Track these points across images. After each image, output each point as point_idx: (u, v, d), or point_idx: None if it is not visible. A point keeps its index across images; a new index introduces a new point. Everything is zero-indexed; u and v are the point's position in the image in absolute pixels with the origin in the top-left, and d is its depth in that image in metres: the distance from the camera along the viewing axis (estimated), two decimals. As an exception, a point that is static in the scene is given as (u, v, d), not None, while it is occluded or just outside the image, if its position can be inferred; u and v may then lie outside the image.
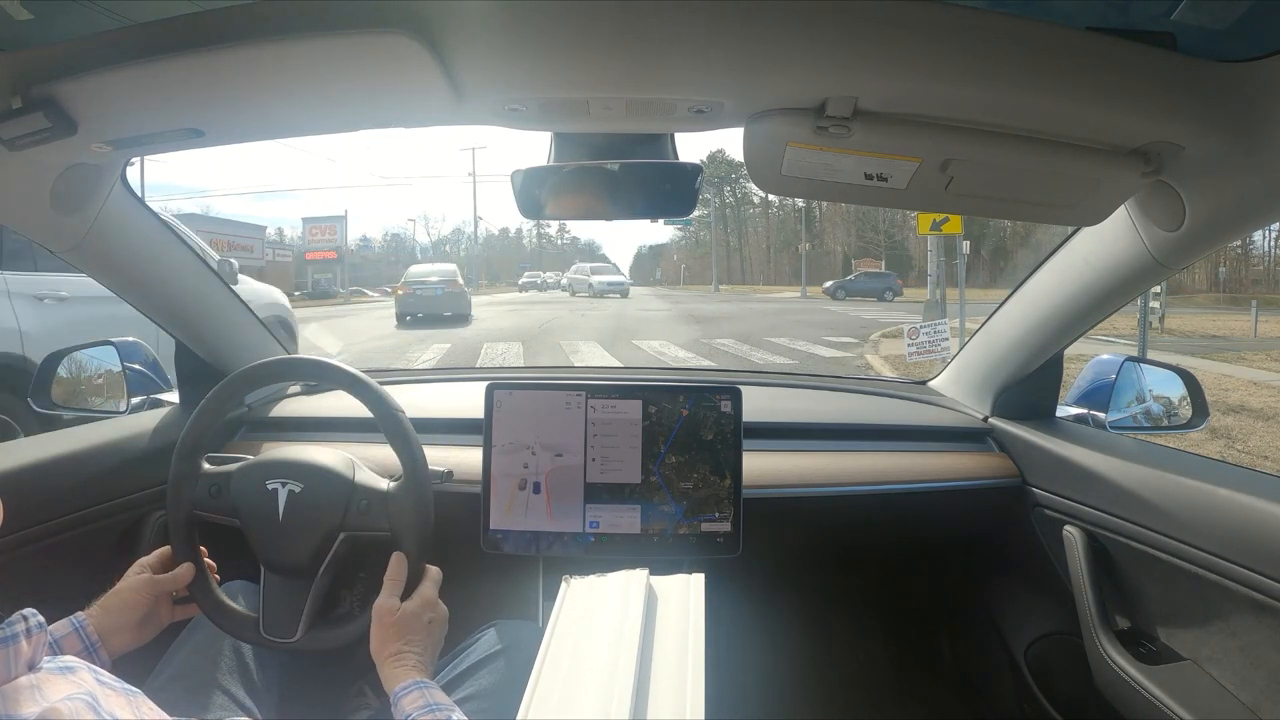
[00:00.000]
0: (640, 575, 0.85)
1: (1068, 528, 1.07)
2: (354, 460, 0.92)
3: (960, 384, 1.40)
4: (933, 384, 1.49)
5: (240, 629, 0.87)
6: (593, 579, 0.86)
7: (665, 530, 1.07)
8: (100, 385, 1.30)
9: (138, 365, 1.30)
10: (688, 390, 1.10)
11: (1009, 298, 1.21)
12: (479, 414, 1.10)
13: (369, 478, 0.91)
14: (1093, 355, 1.29)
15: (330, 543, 0.87)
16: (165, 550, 0.89)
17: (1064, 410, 1.26)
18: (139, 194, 1.01)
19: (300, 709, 0.91)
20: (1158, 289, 11.57)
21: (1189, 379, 1.21)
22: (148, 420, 1.19)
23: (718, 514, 1.07)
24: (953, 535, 1.41)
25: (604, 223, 9.46)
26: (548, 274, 39.36)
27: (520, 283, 36.53)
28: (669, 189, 0.89)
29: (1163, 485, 0.93)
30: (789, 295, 28.07)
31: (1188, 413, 1.21)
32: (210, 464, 0.92)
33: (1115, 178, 0.75)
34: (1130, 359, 1.24)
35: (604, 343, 9.95)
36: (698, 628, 0.76)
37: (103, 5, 0.66)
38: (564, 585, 0.85)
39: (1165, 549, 0.91)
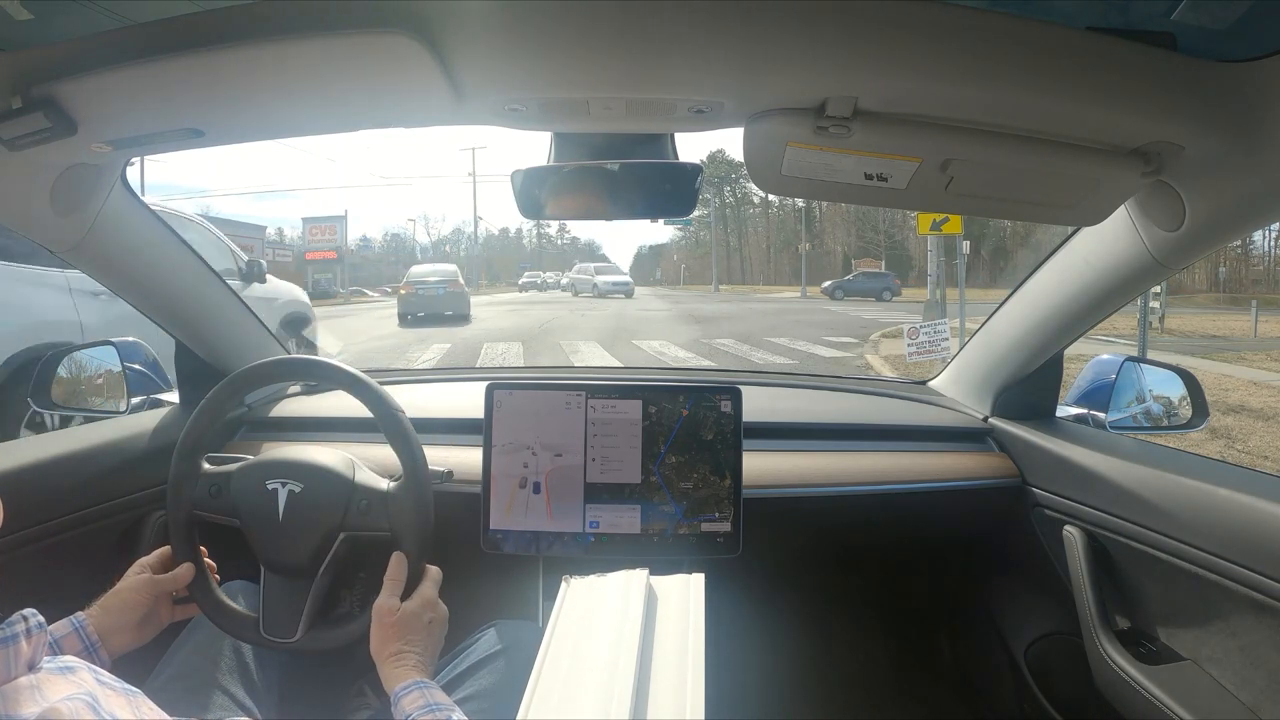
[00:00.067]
0: (640, 575, 0.85)
1: (1068, 528, 1.07)
2: (354, 460, 0.92)
3: (960, 384, 1.40)
4: (933, 384, 1.49)
5: (240, 629, 0.87)
6: (593, 579, 0.86)
7: (665, 530, 1.07)
8: (100, 385, 1.30)
9: (138, 365, 1.30)
10: (688, 390, 1.10)
11: (1009, 298, 1.21)
12: (479, 414, 1.10)
13: (369, 478, 0.91)
14: (1093, 355, 1.29)
15: (330, 543, 0.87)
16: (165, 550, 0.89)
17: (1064, 410, 1.26)
18: (139, 194, 1.01)
19: (300, 709, 0.91)
20: (1158, 289, 11.56)
21: (1189, 379, 1.22)
22: (148, 420, 1.19)
23: (718, 514, 1.07)
24: (953, 535, 1.41)
25: (604, 223, 9.46)
26: (548, 274, 39.34)
27: (520, 283, 36.50)
28: (669, 189, 0.89)
29: (1163, 485, 0.93)
30: (789, 295, 28.06)
31: (1188, 413, 1.21)
32: (210, 464, 0.92)
33: (1115, 178, 0.75)
34: (1130, 359, 1.24)
35: (604, 343, 9.94)
36: (698, 628, 0.76)
37: (103, 5, 0.66)
38: (564, 585, 0.85)
39: (1165, 549, 0.91)
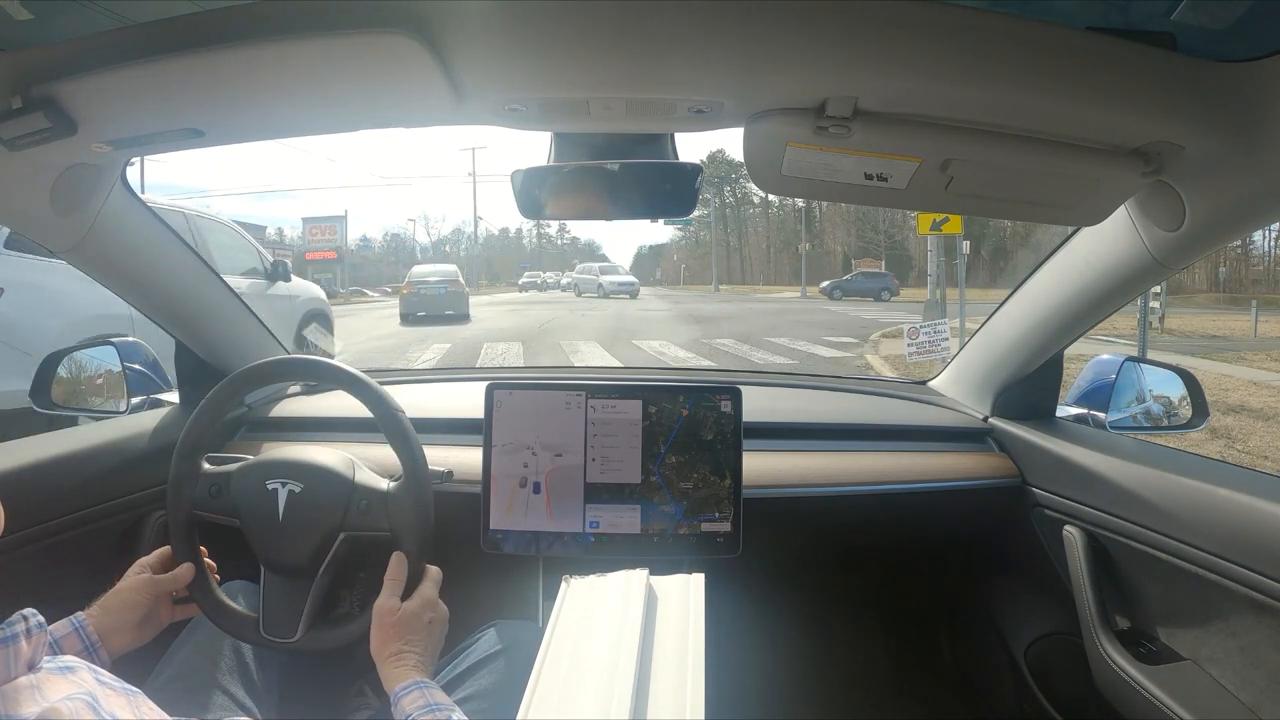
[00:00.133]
0: (640, 575, 0.85)
1: (1068, 528, 1.07)
2: (354, 460, 0.92)
3: (960, 384, 1.40)
4: (933, 384, 1.49)
5: (240, 629, 0.87)
6: (593, 579, 0.86)
7: (665, 530, 1.07)
8: (100, 385, 1.30)
9: (138, 365, 1.30)
10: (688, 390, 1.10)
11: (1009, 298, 1.21)
12: (479, 414, 1.10)
13: (369, 478, 0.91)
14: (1093, 355, 1.29)
15: (330, 543, 0.87)
16: (165, 550, 0.89)
17: (1064, 410, 1.26)
18: (139, 194, 1.01)
19: (300, 709, 0.91)
20: (1158, 289, 11.56)
21: (1189, 379, 1.21)
22: (148, 420, 1.19)
23: (718, 514, 1.07)
24: (953, 535, 1.41)
25: (604, 223, 9.48)
26: (548, 274, 39.32)
27: (520, 283, 36.47)
28: (669, 189, 0.89)
29: (1163, 485, 0.93)
30: (789, 295, 28.04)
31: (1188, 413, 1.21)
32: (210, 464, 0.92)
33: (1115, 178, 0.75)
34: (1130, 359, 1.24)
35: (604, 343, 9.94)
36: (698, 628, 0.76)
37: (103, 5, 0.66)
38: (564, 585, 0.85)
39: (1165, 549, 0.91)
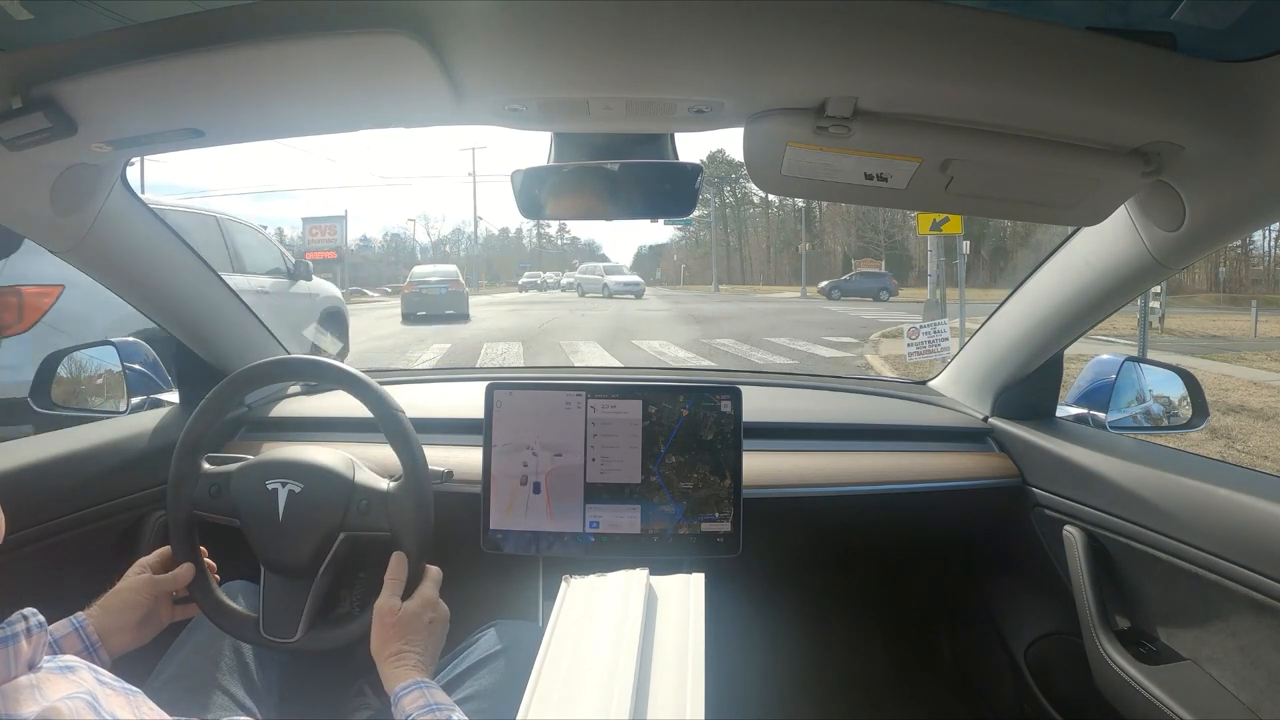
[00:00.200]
0: (640, 575, 0.84)
1: (1068, 528, 1.07)
2: (354, 460, 0.92)
3: (960, 384, 1.40)
4: (933, 384, 1.49)
5: (240, 629, 0.87)
6: (593, 579, 0.86)
7: (665, 530, 1.07)
8: (100, 385, 1.30)
9: (138, 365, 1.30)
10: (688, 390, 1.10)
11: (1009, 298, 1.21)
12: (479, 414, 1.10)
13: (369, 478, 0.90)
14: (1093, 355, 1.29)
15: (330, 543, 0.87)
16: (165, 550, 0.89)
17: (1064, 410, 1.26)
18: (139, 194, 1.01)
19: (300, 709, 0.91)
20: (1158, 289, 11.57)
21: (1189, 379, 1.21)
22: (148, 420, 1.19)
23: (718, 514, 1.07)
24: (953, 535, 1.41)
25: (604, 223, 9.49)
26: (548, 274, 39.32)
27: (520, 283, 36.47)
28: (669, 189, 0.89)
29: (1163, 485, 0.93)
30: (789, 295, 28.05)
31: (1188, 413, 1.21)
32: (210, 464, 0.92)
33: (1115, 178, 0.75)
34: (1130, 359, 1.24)
35: (604, 343, 9.94)
36: (698, 628, 0.76)
37: (103, 5, 0.66)
38: (564, 585, 0.85)
39: (1165, 549, 0.91)
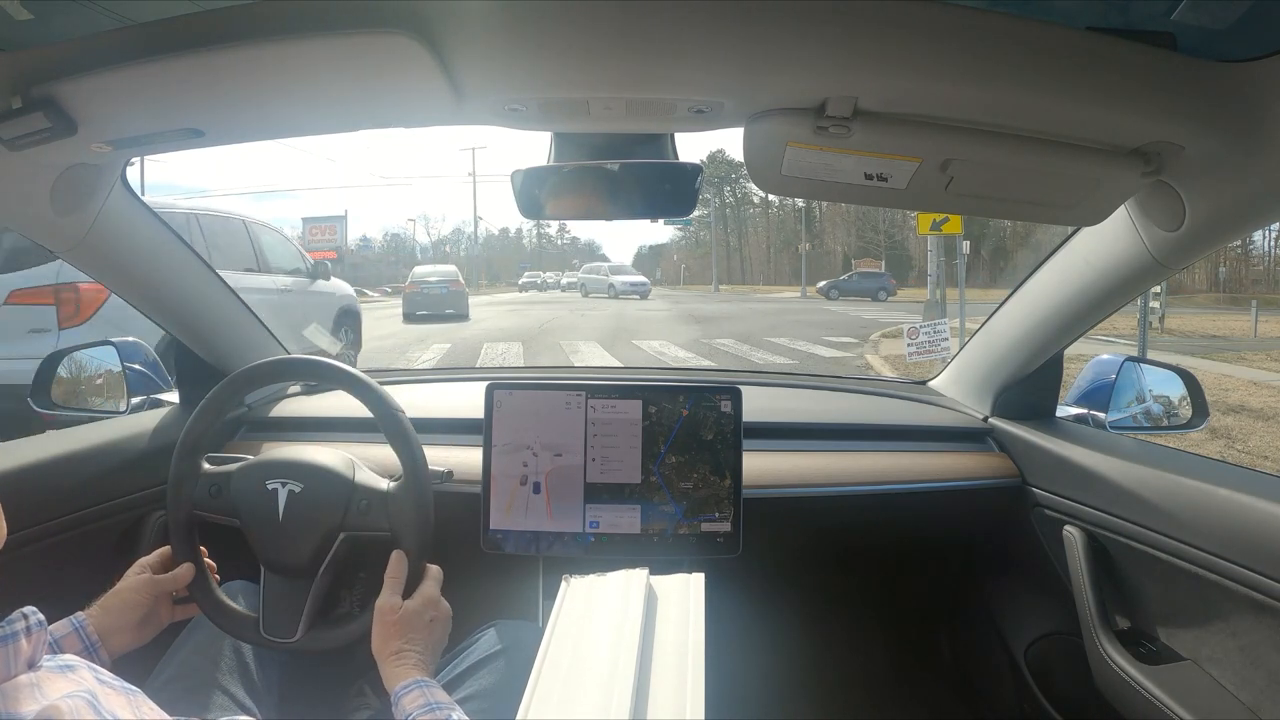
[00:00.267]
0: (640, 575, 0.84)
1: (1068, 528, 1.07)
2: (354, 460, 0.92)
3: (960, 384, 1.40)
4: (933, 384, 1.49)
5: (240, 629, 0.87)
6: (593, 579, 0.86)
7: (665, 530, 1.07)
8: (100, 385, 1.30)
9: (138, 365, 1.30)
10: (688, 390, 1.10)
11: (1009, 298, 1.21)
12: (479, 414, 1.10)
13: (369, 478, 0.91)
14: (1093, 355, 1.29)
15: (330, 543, 0.87)
16: (165, 550, 0.89)
17: (1064, 410, 1.26)
18: (139, 194, 1.01)
19: (300, 709, 0.91)
20: (1158, 289, 11.57)
21: (1189, 379, 1.21)
22: (148, 420, 1.19)
23: (718, 514, 1.07)
24: (953, 535, 1.41)
25: (604, 223, 9.50)
26: (548, 274, 39.25)
27: (520, 283, 36.42)
28: (669, 189, 0.89)
29: (1163, 485, 0.93)
30: (789, 295, 28.04)
31: (1188, 413, 1.21)
32: (210, 464, 0.92)
33: (1115, 178, 0.75)
34: (1130, 359, 1.24)
35: (604, 343, 9.94)
36: (698, 628, 0.76)
37: (103, 5, 0.66)
38: (564, 585, 0.85)
39: (1165, 549, 0.91)
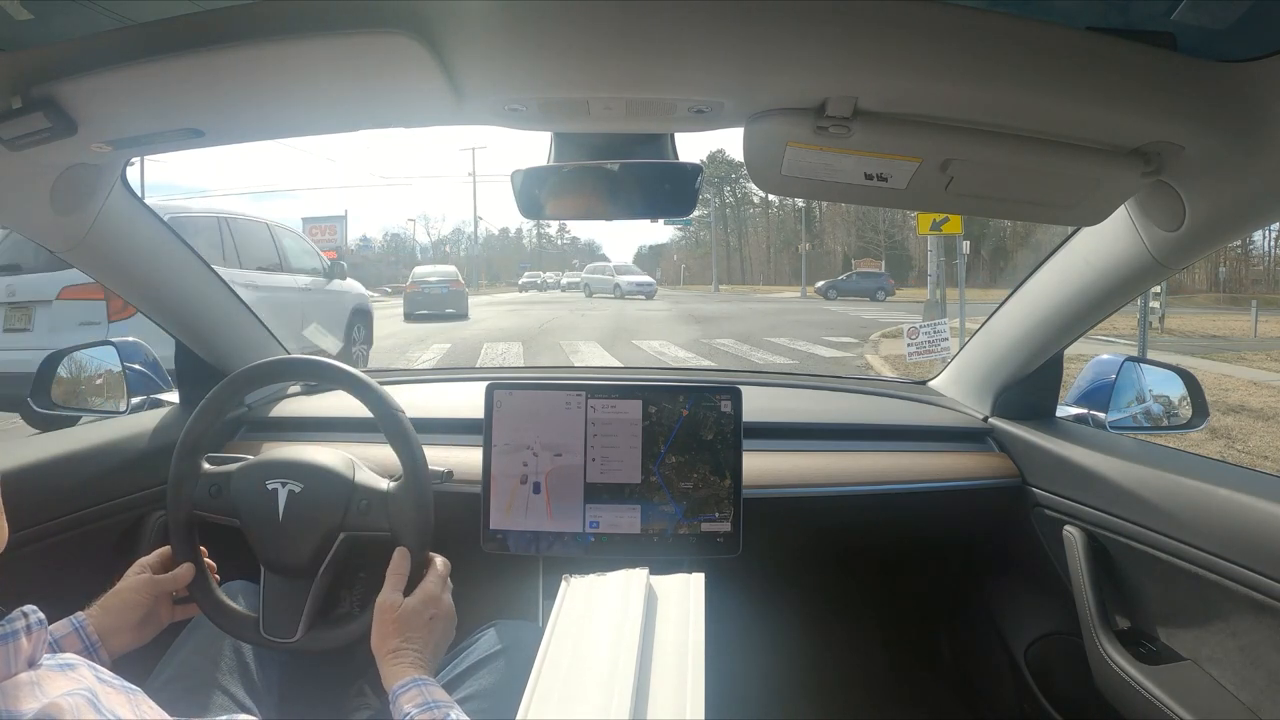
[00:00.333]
0: (640, 575, 0.84)
1: (1068, 528, 1.07)
2: (354, 460, 0.92)
3: (960, 384, 1.40)
4: (933, 384, 1.49)
5: (240, 629, 0.87)
6: (593, 579, 0.85)
7: (665, 530, 1.07)
8: (100, 385, 1.30)
9: (138, 365, 1.30)
10: (688, 390, 1.10)
11: (1009, 298, 1.21)
12: (479, 414, 1.10)
13: (369, 478, 0.90)
14: (1093, 355, 1.29)
15: (330, 543, 0.87)
16: (165, 550, 0.89)
17: (1064, 410, 1.26)
18: (139, 194, 1.01)
19: (300, 709, 0.91)
20: (1158, 289, 11.57)
21: (1189, 379, 1.21)
22: (148, 420, 1.19)
23: (718, 514, 1.07)
24: (953, 535, 1.41)
25: (604, 223, 9.52)
26: (548, 274, 39.26)
27: (520, 283, 36.41)
28: (669, 189, 0.89)
29: (1163, 485, 0.93)
30: (789, 295, 28.05)
31: (1188, 413, 1.21)
32: (210, 464, 0.92)
33: (1115, 178, 0.75)
34: (1130, 359, 1.24)
35: (604, 343, 9.94)
36: (698, 628, 0.76)
37: (103, 5, 0.66)
38: (564, 585, 0.85)
39: (1165, 549, 0.91)
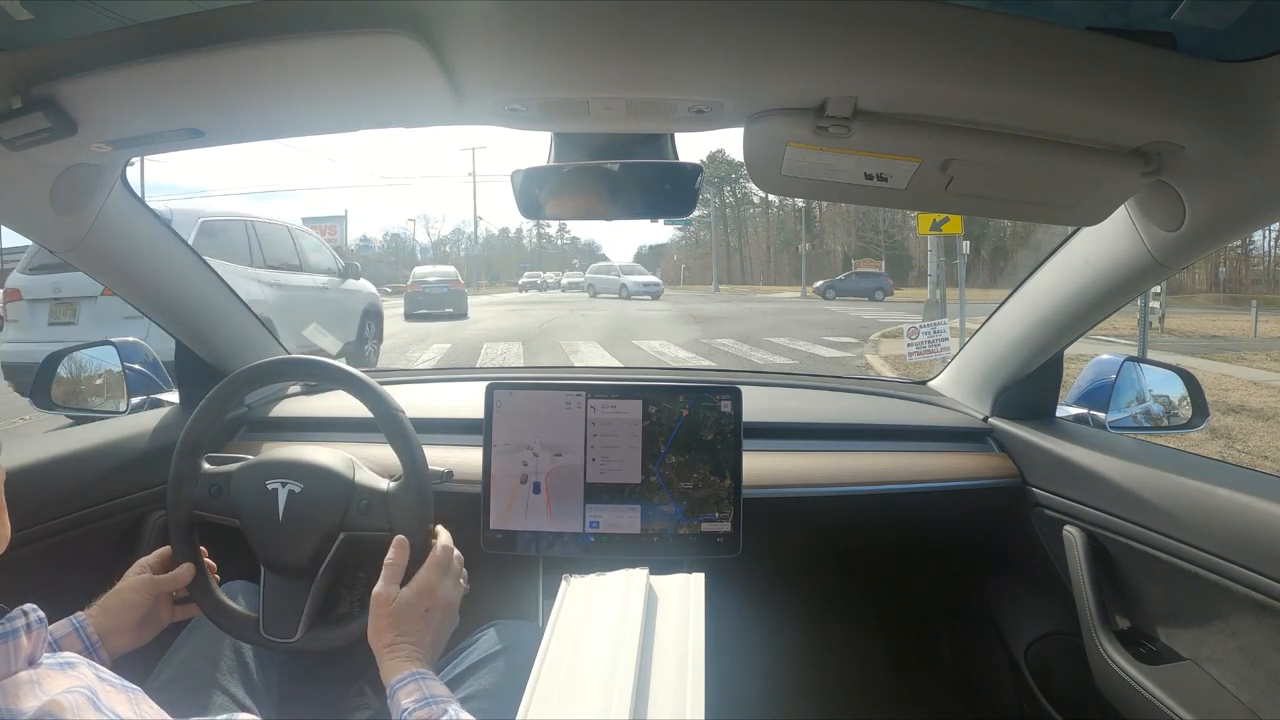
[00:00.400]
0: (640, 575, 0.84)
1: (1068, 528, 1.07)
2: (354, 460, 0.92)
3: (960, 384, 1.40)
4: (933, 384, 1.49)
5: (240, 629, 0.87)
6: (593, 579, 0.85)
7: (665, 530, 1.07)
8: (100, 385, 1.30)
9: (138, 365, 1.30)
10: (688, 390, 1.10)
11: (1009, 298, 1.21)
12: (479, 414, 1.10)
13: (369, 478, 0.90)
14: (1093, 355, 1.29)
15: (330, 543, 0.87)
16: (165, 550, 0.89)
17: (1064, 410, 1.26)
18: (139, 194, 1.01)
19: (300, 709, 0.91)
20: (1158, 289, 11.57)
21: (1189, 379, 1.22)
22: (148, 420, 1.19)
23: (718, 514, 1.07)
24: (953, 535, 1.41)
25: (604, 223, 9.52)
26: (548, 274, 39.19)
27: (520, 283, 36.36)
28: (669, 189, 0.89)
29: (1163, 485, 0.93)
30: (789, 295, 28.04)
31: (1188, 413, 1.21)
32: (210, 464, 0.92)
33: (1115, 178, 0.75)
34: (1130, 359, 1.24)
35: (604, 343, 9.93)
36: (698, 628, 0.76)
37: (103, 5, 0.66)
38: (564, 585, 0.84)
39: (1165, 549, 0.91)
